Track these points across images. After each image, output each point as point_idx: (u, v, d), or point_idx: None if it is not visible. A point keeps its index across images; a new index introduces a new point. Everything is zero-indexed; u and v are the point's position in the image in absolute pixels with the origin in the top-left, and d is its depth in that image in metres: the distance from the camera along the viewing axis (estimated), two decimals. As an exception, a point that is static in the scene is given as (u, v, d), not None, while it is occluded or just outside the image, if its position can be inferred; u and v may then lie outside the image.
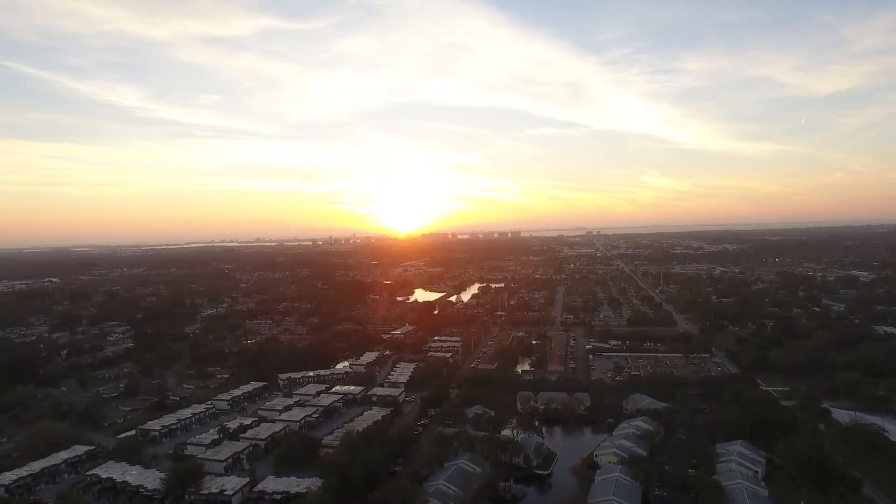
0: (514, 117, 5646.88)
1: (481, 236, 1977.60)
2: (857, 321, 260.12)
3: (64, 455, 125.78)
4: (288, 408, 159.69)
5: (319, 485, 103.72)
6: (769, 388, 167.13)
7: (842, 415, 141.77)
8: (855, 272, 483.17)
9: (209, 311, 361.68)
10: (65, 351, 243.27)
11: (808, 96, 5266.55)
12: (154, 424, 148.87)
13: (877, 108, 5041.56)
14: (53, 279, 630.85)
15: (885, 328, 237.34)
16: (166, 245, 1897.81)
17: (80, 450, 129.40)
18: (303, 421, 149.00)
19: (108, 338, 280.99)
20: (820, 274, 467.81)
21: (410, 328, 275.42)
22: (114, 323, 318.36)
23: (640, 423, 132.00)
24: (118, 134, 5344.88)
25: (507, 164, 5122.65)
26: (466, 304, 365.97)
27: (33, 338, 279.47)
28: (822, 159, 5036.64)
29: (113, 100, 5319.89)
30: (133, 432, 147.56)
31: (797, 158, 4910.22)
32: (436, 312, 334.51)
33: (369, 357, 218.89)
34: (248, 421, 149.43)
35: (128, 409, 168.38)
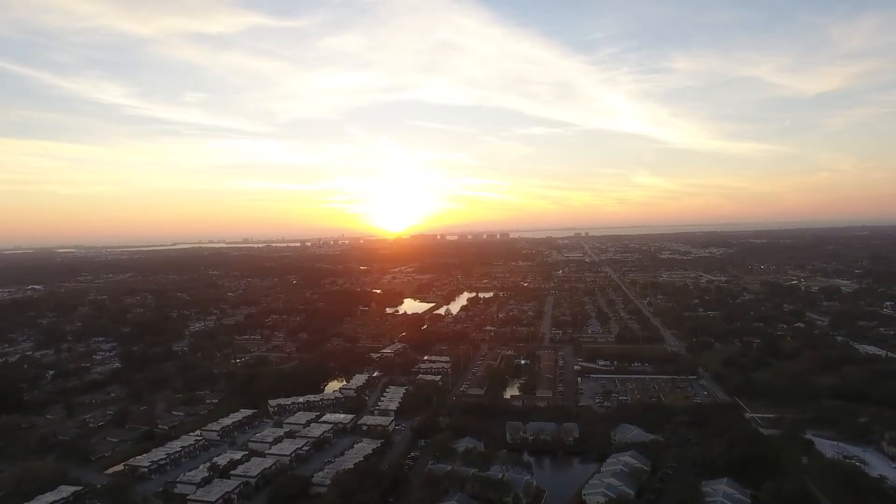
0: (503, 116, 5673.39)
1: (470, 237, 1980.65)
2: (840, 338, 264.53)
3: (50, 497, 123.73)
4: (278, 440, 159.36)
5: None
6: (755, 415, 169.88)
7: (825, 446, 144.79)
8: (838, 281, 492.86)
9: (197, 326, 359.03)
10: (50, 373, 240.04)
11: (796, 96, 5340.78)
12: (143, 460, 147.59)
13: (862, 108, 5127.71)
14: (37, 287, 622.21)
15: (867, 347, 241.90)
16: (152, 246, 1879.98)
17: (66, 490, 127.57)
18: (293, 454, 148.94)
19: (94, 356, 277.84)
20: (804, 284, 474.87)
21: (400, 346, 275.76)
22: (100, 339, 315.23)
23: (628, 459, 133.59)
24: (103, 132, 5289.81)
25: (496, 163, 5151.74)
26: (455, 318, 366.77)
27: (17, 357, 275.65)
28: (809, 159, 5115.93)
29: (98, 97, 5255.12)
30: (121, 467, 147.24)
31: (784, 158, 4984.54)
32: (425, 327, 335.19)
33: (359, 380, 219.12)
34: (238, 455, 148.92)
35: (116, 440, 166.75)
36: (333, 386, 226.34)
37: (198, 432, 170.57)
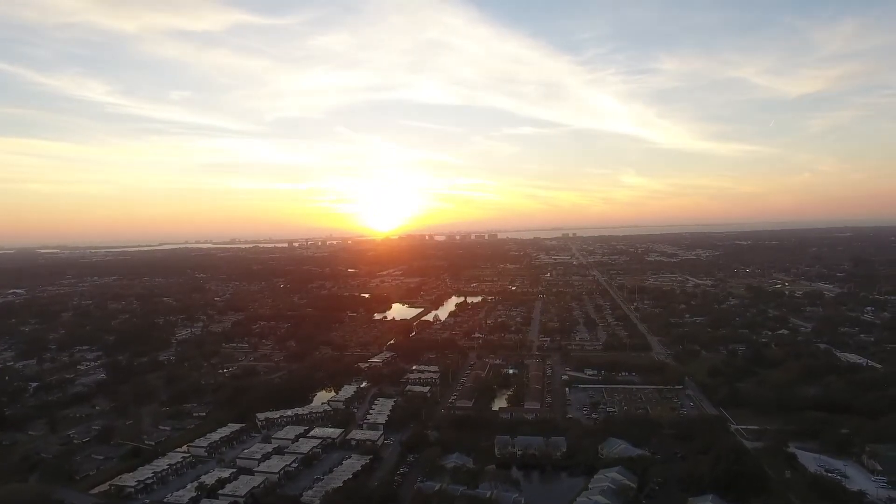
0: (491, 116, 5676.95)
1: (458, 238, 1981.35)
2: (823, 345, 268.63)
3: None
4: (267, 456, 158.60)
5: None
6: (739, 427, 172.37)
7: (808, 459, 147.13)
8: (821, 285, 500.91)
9: (184, 333, 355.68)
10: (33, 385, 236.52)
11: (779, 98, 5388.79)
12: (129, 479, 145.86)
13: (843, 110, 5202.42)
14: (18, 291, 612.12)
15: (849, 356, 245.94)
16: (138, 246, 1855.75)
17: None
18: (282, 472, 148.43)
19: (78, 366, 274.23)
20: (788, 288, 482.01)
21: (388, 355, 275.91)
22: (84, 348, 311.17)
23: (615, 475, 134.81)
24: (86, 130, 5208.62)
25: (484, 163, 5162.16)
26: (444, 324, 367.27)
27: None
28: (791, 160, 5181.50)
29: (80, 94, 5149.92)
30: (107, 487, 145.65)
31: (768, 159, 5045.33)
32: (413, 335, 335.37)
33: (348, 392, 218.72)
34: (226, 473, 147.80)
35: (101, 457, 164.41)
36: (322, 397, 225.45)
37: (185, 448, 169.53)
